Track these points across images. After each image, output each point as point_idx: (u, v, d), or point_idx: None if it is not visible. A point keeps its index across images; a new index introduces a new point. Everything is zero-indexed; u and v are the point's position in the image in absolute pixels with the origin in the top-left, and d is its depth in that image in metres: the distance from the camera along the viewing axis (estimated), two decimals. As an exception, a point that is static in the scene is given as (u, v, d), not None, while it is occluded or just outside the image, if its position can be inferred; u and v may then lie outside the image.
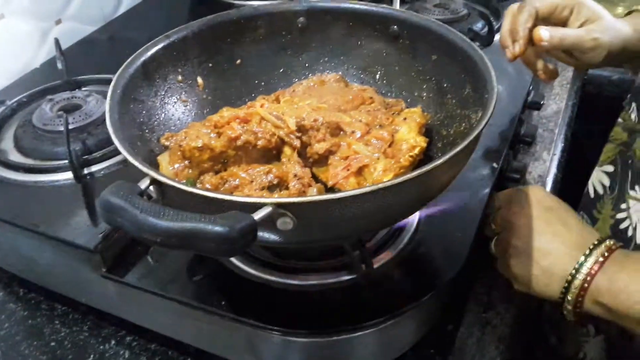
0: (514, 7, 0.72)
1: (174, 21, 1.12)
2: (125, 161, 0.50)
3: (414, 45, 0.70)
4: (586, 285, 0.57)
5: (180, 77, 0.69)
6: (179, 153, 0.61)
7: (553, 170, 0.88)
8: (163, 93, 0.67)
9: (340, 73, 0.75)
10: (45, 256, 0.68)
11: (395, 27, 0.71)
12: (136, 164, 0.49)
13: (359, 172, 0.62)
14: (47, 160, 0.75)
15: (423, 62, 0.70)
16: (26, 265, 0.72)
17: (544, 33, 0.68)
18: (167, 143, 0.63)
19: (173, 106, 0.68)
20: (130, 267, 0.64)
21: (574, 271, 0.57)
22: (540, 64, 0.73)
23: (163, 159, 0.62)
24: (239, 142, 0.62)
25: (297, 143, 0.63)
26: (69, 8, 1.07)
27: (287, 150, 0.64)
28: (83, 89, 0.88)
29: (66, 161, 0.71)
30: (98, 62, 0.98)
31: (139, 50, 0.64)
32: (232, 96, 0.73)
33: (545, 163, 0.88)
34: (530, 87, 0.91)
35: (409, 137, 0.63)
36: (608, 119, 0.77)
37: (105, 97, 0.78)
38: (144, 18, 1.16)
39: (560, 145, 0.93)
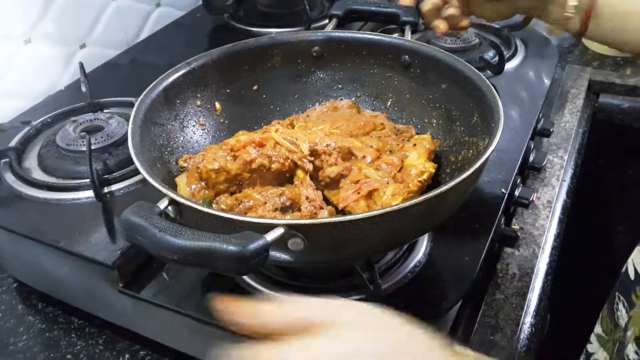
0: None
1: (194, 46, 1.16)
2: (144, 181, 0.52)
3: (425, 74, 0.72)
4: None
5: (199, 102, 0.72)
6: (196, 175, 0.64)
7: (562, 196, 0.89)
8: (182, 117, 0.70)
9: (353, 99, 0.77)
10: (64, 271, 0.70)
11: (407, 56, 0.73)
12: (156, 185, 0.51)
13: (369, 195, 0.63)
14: (69, 178, 0.77)
15: (433, 90, 0.72)
16: (45, 279, 0.74)
17: None
18: (185, 165, 0.66)
19: (192, 129, 0.71)
20: (146, 283, 0.65)
21: None
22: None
23: (181, 180, 0.64)
24: (253, 165, 0.64)
25: (309, 167, 0.65)
26: (93, 33, 1.10)
27: (300, 173, 0.66)
28: (105, 111, 0.90)
29: (87, 180, 0.73)
30: (120, 85, 1.00)
31: (161, 77, 0.67)
32: (248, 120, 0.76)
33: (555, 189, 0.90)
34: (540, 115, 0.93)
35: (418, 162, 0.65)
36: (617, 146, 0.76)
37: (126, 119, 0.82)
38: (165, 43, 1.18)
39: (569, 172, 0.94)
